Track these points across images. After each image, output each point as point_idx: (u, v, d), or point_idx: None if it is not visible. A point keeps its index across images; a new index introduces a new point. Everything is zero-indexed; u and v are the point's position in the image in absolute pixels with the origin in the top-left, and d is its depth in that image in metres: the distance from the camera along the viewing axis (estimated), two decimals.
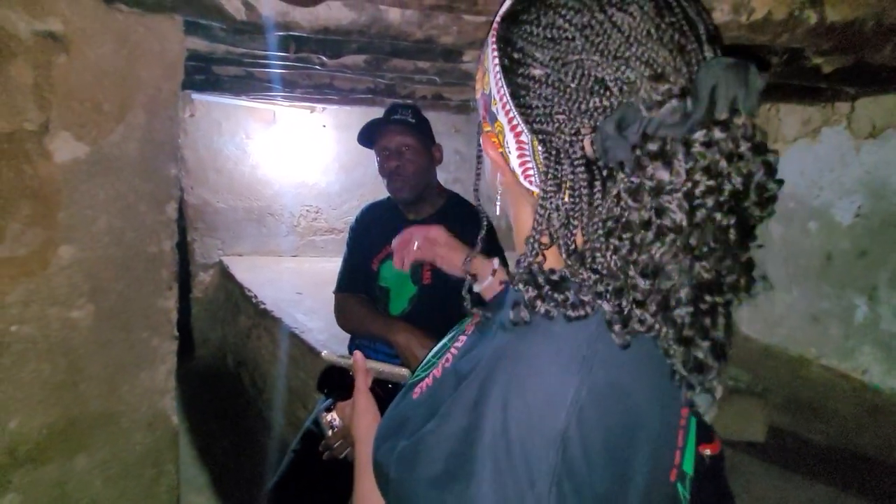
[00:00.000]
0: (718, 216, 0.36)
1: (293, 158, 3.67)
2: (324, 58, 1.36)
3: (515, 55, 0.41)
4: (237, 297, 3.15)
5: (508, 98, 0.41)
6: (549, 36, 0.39)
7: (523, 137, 0.41)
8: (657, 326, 0.38)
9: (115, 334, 1.12)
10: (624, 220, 0.36)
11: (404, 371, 0.65)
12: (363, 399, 0.61)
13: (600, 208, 0.38)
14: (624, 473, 0.39)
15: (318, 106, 3.58)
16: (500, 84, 0.42)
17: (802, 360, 2.26)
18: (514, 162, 0.42)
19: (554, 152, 0.39)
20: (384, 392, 0.65)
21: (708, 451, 0.53)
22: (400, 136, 1.37)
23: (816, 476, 1.67)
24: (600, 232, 0.38)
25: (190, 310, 3.44)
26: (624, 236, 0.37)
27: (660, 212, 0.35)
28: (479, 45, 1.29)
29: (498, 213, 0.49)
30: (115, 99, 1.01)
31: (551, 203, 0.40)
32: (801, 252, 2.33)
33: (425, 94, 2.29)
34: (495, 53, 0.42)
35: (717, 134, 0.35)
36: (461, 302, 0.51)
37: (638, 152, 0.35)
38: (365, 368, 0.63)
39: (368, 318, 1.42)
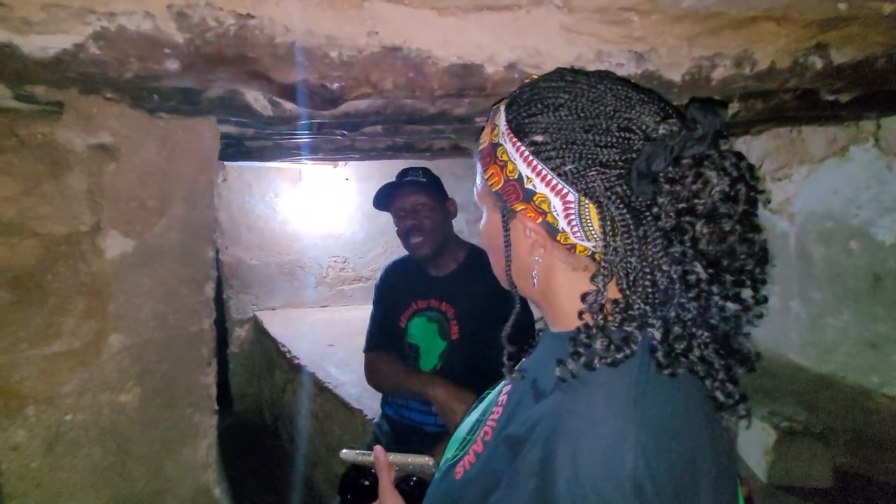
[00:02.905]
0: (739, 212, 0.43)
1: (319, 212, 3.82)
2: (345, 132, 1.45)
3: (538, 137, 0.47)
4: (272, 352, 3.22)
5: (548, 170, 0.47)
6: (568, 111, 0.47)
7: (570, 197, 0.47)
8: (695, 345, 0.43)
9: (159, 413, 1.17)
10: (677, 224, 0.43)
11: (428, 460, 0.63)
12: (390, 500, 0.59)
13: (650, 232, 0.44)
14: None
15: (341, 161, 3.74)
16: (532, 163, 0.47)
17: (863, 389, 2.11)
18: (563, 223, 0.48)
19: (603, 199, 0.45)
20: (409, 487, 0.62)
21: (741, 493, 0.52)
22: (414, 195, 1.42)
23: None
24: (653, 250, 0.44)
25: (227, 365, 3.53)
26: (675, 241, 0.43)
27: (697, 213, 0.43)
28: (490, 113, 1.36)
29: (535, 284, 0.53)
30: (157, 195, 1.10)
31: (613, 241, 0.45)
32: (847, 273, 2.22)
33: (443, 147, 2.37)
34: (518, 144, 0.48)
35: (724, 146, 0.44)
36: (490, 356, 0.54)
37: (671, 174, 0.43)
38: (387, 464, 0.60)
39: (403, 375, 1.43)
